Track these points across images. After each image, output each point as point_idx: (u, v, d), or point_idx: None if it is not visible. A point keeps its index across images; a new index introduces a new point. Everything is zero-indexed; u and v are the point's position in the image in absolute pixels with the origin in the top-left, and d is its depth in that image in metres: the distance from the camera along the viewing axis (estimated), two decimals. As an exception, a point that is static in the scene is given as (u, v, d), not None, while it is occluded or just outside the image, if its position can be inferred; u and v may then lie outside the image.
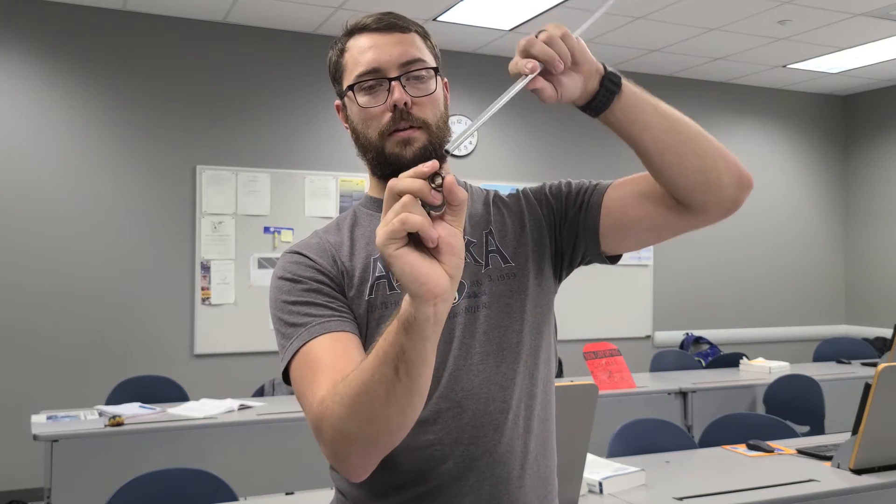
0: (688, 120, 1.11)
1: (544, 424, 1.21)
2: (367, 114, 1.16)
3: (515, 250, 1.22)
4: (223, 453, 3.36)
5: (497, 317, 1.17)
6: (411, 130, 1.14)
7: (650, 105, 1.08)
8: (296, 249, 1.20)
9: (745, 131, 7.07)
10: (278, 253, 5.34)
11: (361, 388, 0.90)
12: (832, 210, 7.46)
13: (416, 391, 0.90)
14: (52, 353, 4.80)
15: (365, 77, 1.15)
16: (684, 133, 1.09)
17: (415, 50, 1.17)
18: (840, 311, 7.45)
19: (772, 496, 2.28)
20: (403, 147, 1.14)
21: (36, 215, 4.81)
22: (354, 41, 1.19)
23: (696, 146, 1.09)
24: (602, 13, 1.03)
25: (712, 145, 1.10)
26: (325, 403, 0.96)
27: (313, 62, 5.51)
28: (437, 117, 1.17)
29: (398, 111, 1.14)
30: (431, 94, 1.17)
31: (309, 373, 1.04)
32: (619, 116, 1.07)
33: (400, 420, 0.92)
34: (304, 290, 1.13)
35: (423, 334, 0.85)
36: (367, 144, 1.17)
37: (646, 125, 1.07)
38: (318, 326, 1.08)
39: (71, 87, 4.92)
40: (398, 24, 1.18)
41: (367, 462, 0.98)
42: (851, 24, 5.28)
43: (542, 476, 1.19)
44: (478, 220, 1.24)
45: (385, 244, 0.80)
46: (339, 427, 0.93)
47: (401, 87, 1.14)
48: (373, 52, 1.16)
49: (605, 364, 4.22)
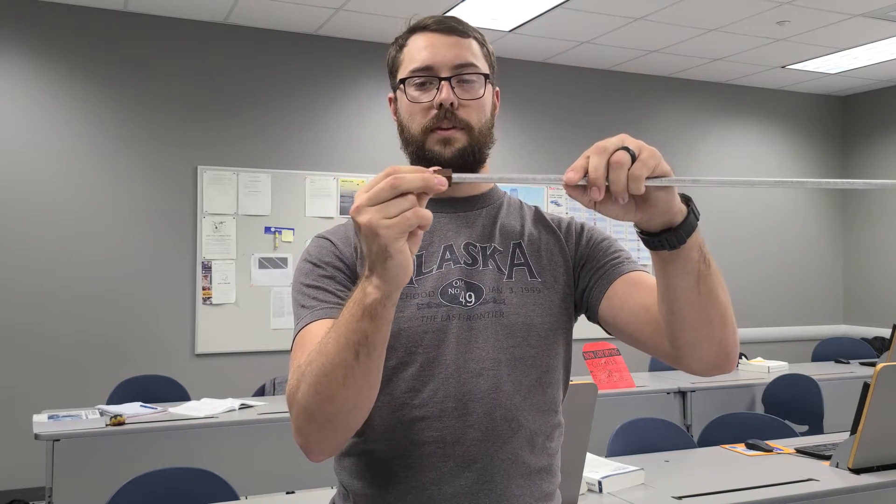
0: (721, 302, 1.03)
1: (550, 442, 1.21)
2: (414, 108, 1.20)
3: (545, 268, 1.23)
4: (224, 453, 3.36)
5: (516, 327, 1.18)
6: (453, 130, 1.18)
7: (693, 276, 0.99)
8: (323, 234, 1.25)
9: (744, 132, 7.08)
10: (279, 253, 5.36)
11: (321, 370, 0.96)
12: (831, 210, 7.47)
13: (372, 371, 0.96)
14: (54, 352, 4.81)
15: (418, 73, 1.19)
16: (705, 313, 1.02)
17: (469, 54, 1.20)
18: (839, 311, 7.46)
19: (770, 495, 2.28)
20: (444, 146, 1.18)
21: (37, 216, 4.82)
22: (414, 39, 1.23)
23: (707, 328, 1.03)
24: (696, 181, 0.90)
25: (723, 331, 1.04)
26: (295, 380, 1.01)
27: (314, 63, 5.52)
28: (482, 122, 1.20)
29: (443, 110, 1.17)
30: (479, 98, 1.20)
31: (299, 351, 1.09)
32: (659, 262, 1.00)
33: (355, 400, 0.97)
34: (320, 276, 1.18)
35: (388, 318, 0.93)
36: (409, 138, 1.21)
37: (675, 286, 1.01)
38: (322, 311, 1.13)
39: (72, 88, 4.93)
40: (457, 28, 1.21)
41: (323, 441, 1.03)
42: (850, 25, 5.29)
43: (544, 491, 1.20)
44: (509, 230, 1.26)
45: (397, 237, 0.86)
46: (302, 404, 0.99)
47: (449, 87, 1.17)
48: (428, 51, 1.19)
49: (604, 363, 4.23)
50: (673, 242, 0.95)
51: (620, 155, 0.86)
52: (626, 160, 0.86)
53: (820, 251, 7.39)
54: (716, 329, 1.03)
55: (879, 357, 5.31)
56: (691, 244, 0.96)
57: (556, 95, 6.32)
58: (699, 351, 1.05)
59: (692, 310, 1.01)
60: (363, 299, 0.91)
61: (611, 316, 1.18)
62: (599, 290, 1.20)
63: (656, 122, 6.71)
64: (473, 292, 1.18)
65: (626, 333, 1.16)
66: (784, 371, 4.70)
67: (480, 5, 4.87)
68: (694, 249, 0.97)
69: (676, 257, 0.97)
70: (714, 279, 1.01)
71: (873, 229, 7.22)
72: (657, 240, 0.96)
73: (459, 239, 1.22)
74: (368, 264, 0.90)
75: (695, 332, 1.03)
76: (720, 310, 1.03)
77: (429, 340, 1.15)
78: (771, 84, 7.05)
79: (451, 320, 1.16)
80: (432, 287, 1.18)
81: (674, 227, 0.94)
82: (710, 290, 1.00)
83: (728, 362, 1.07)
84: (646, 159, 0.87)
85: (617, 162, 0.86)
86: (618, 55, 6.08)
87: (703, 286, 1.00)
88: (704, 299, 1.01)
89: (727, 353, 1.06)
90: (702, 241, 0.99)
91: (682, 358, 1.07)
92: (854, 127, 7.46)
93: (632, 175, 0.86)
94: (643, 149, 0.88)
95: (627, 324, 1.15)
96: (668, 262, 0.98)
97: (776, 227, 7.16)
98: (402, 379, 1.15)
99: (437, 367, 1.14)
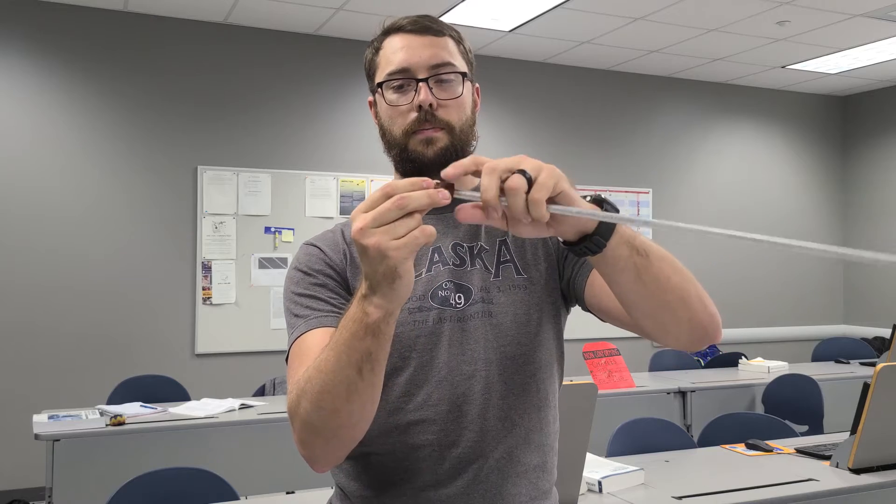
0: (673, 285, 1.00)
1: (545, 439, 1.21)
2: (394, 111, 1.19)
3: (530, 263, 1.23)
4: (224, 452, 3.36)
5: (506, 326, 1.18)
6: (434, 130, 1.17)
7: (631, 271, 0.97)
8: (312, 241, 1.25)
9: (744, 132, 7.09)
10: (279, 253, 5.36)
11: (324, 387, 0.95)
12: (831, 210, 7.47)
13: (376, 385, 0.96)
14: (54, 352, 4.81)
15: (394, 76, 1.18)
16: (658, 300, 1.00)
17: (445, 53, 1.20)
18: (839, 311, 7.46)
19: (770, 495, 2.28)
20: (425, 146, 1.17)
21: (38, 216, 4.82)
22: (389, 41, 1.22)
23: (667, 313, 1.01)
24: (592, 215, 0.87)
25: (688, 310, 1.02)
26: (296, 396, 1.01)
27: (314, 63, 5.52)
28: (462, 121, 1.20)
29: (423, 112, 1.17)
30: (458, 97, 1.19)
31: (297, 362, 1.09)
32: (596, 267, 1.01)
33: (360, 414, 0.98)
34: (311, 284, 1.18)
35: (390, 334, 0.92)
36: (391, 141, 1.21)
37: (619, 285, 1.00)
38: (316, 320, 1.13)
39: (72, 88, 4.93)
40: (432, 28, 1.21)
41: (328, 453, 1.03)
42: (850, 25, 5.29)
43: (540, 488, 1.20)
44: (493, 228, 1.25)
45: (406, 258, 0.85)
46: (306, 420, 0.99)
47: (427, 88, 1.17)
48: (404, 53, 1.18)
49: (604, 363, 4.23)
50: (593, 248, 0.93)
51: (515, 180, 0.83)
52: (521, 185, 0.83)
53: (820, 251, 7.38)
54: (678, 310, 1.01)
55: (879, 357, 5.31)
56: (616, 243, 0.94)
57: (556, 95, 6.32)
58: (672, 333, 1.05)
59: (644, 301, 1.00)
60: (364, 318, 0.90)
61: (595, 302, 1.18)
62: (582, 279, 1.20)
63: (656, 122, 6.71)
64: (463, 293, 1.18)
65: (612, 317, 1.16)
66: (784, 371, 4.70)
67: (480, 5, 4.88)
68: (621, 247, 0.95)
69: (606, 259, 0.96)
70: (657, 267, 0.98)
71: (873, 229, 7.22)
72: (578, 248, 0.94)
73: (447, 240, 1.22)
74: (370, 284, 0.88)
75: (658, 319, 1.03)
76: (676, 293, 1.00)
77: (422, 344, 1.15)
78: (771, 84, 7.05)
79: (444, 323, 1.16)
80: (422, 290, 1.17)
81: (590, 234, 0.93)
82: (655, 279, 0.98)
83: (707, 335, 1.05)
84: (543, 181, 0.84)
85: (511, 189, 0.83)
86: (618, 55, 6.08)
87: (646, 277, 0.98)
88: (652, 289, 0.99)
89: (702, 327, 1.04)
90: (631, 235, 0.97)
91: (660, 339, 1.07)
92: (854, 127, 7.46)
93: (531, 200, 0.83)
94: (541, 170, 0.85)
95: (610, 308, 1.14)
96: (600, 264, 0.98)
97: (776, 226, 7.15)
98: (396, 384, 1.15)
99: (430, 370, 1.14)
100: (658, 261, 0.99)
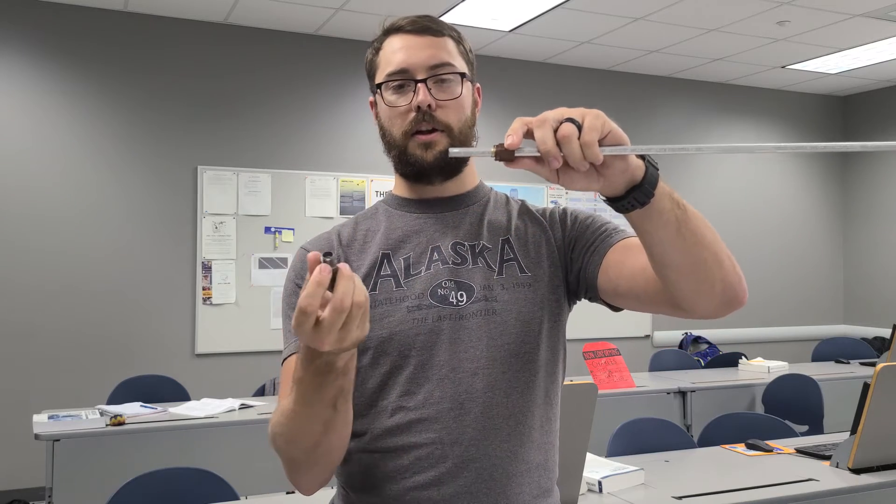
0: (708, 241, 1.01)
1: (547, 437, 1.21)
2: (393, 112, 1.19)
3: (534, 261, 1.22)
4: (224, 452, 3.37)
5: (509, 324, 1.17)
6: (433, 134, 1.17)
7: (673, 224, 0.98)
8: (306, 246, 1.27)
9: (744, 132, 7.09)
10: (279, 253, 5.36)
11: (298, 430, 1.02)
12: (831, 210, 7.47)
13: (350, 411, 1.05)
14: (54, 352, 4.81)
15: (393, 77, 1.19)
16: (696, 257, 1.01)
17: (444, 54, 1.20)
18: (839, 311, 7.46)
19: (770, 495, 2.28)
20: (424, 150, 1.18)
21: (38, 216, 4.82)
22: (389, 41, 1.22)
23: (703, 271, 1.02)
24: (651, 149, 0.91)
25: (721, 269, 1.03)
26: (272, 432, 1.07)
27: (314, 63, 5.52)
28: (462, 122, 1.20)
29: (421, 112, 1.17)
30: (457, 98, 1.19)
31: (288, 380, 1.12)
32: (635, 221, 1.00)
33: (339, 440, 1.06)
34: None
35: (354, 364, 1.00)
36: (391, 142, 1.21)
37: (660, 240, 1.00)
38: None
39: (72, 88, 4.93)
40: (432, 28, 1.21)
41: (314, 479, 1.10)
42: (850, 25, 5.29)
43: (542, 487, 1.20)
44: (497, 226, 1.25)
45: (360, 336, 0.90)
46: (287, 457, 1.07)
47: (426, 89, 1.17)
48: (403, 54, 1.19)
49: (604, 363, 4.23)
50: (641, 199, 0.95)
51: (566, 128, 0.86)
52: (573, 131, 0.86)
53: (820, 251, 7.39)
54: (713, 268, 1.02)
55: (879, 357, 5.32)
56: (660, 195, 0.96)
57: (556, 95, 6.32)
58: (705, 295, 1.04)
59: (683, 258, 1.00)
60: (329, 371, 0.95)
61: (611, 287, 1.17)
62: (594, 266, 1.19)
63: (656, 122, 6.71)
64: (464, 291, 1.18)
65: (629, 298, 1.15)
66: (784, 371, 4.70)
67: (480, 5, 4.88)
68: (664, 199, 0.97)
69: (650, 213, 0.96)
70: (695, 221, 1.00)
71: (873, 229, 7.22)
72: (626, 202, 0.95)
73: (446, 239, 1.22)
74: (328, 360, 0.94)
75: (694, 278, 1.02)
76: (712, 249, 1.01)
77: (421, 343, 1.15)
78: (771, 84, 7.05)
79: (443, 321, 1.16)
80: (421, 289, 1.17)
81: (638, 184, 0.94)
82: (693, 233, 0.99)
83: (736, 297, 1.05)
84: (591, 123, 0.87)
85: (565, 136, 0.86)
86: (618, 55, 6.08)
87: (685, 231, 0.99)
88: (691, 244, 0.99)
89: (733, 287, 1.04)
90: (670, 189, 0.99)
91: (691, 307, 1.06)
92: (854, 127, 7.46)
93: (584, 143, 0.86)
94: (586, 115, 0.88)
95: (629, 289, 1.14)
96: (644, 219, 0.98)
97: (776, 227, 7.16)
98: (397, 382, 1.15)
99: (431, 368, 1.14)
100: (693, 215, 1.01)
